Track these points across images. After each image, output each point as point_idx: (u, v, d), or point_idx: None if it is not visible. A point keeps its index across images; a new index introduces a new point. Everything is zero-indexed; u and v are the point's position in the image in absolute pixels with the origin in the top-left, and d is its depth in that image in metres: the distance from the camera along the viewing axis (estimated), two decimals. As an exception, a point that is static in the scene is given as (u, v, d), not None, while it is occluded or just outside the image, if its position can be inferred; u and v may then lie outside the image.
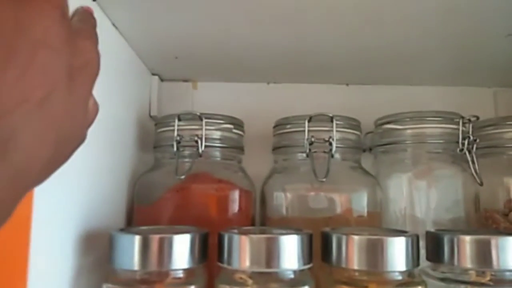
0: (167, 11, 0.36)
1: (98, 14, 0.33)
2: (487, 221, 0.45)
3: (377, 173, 0.47)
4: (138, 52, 0.45)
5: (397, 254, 0.29)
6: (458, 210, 0.44)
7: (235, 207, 0.42)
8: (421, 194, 0.44)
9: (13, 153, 0.15)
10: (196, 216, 0.40)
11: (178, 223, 0.37)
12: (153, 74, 0.52)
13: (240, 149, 0.46)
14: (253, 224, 0.44)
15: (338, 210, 0.42)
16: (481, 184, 0.43)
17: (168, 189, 0.41)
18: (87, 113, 0.20)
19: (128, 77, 0.44)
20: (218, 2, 0.34)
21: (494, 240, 0.30)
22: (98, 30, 0.22)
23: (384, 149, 0.47)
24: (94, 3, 0.33)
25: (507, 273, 0.30)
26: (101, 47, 0.21)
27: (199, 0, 0.34)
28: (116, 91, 0.40)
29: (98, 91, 0.21)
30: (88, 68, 0.20)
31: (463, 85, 0.57)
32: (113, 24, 0.38)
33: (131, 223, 0.43)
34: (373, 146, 0.49)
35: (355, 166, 0.45)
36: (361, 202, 0.42)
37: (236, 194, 0.42)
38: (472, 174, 0.43)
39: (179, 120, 0.42)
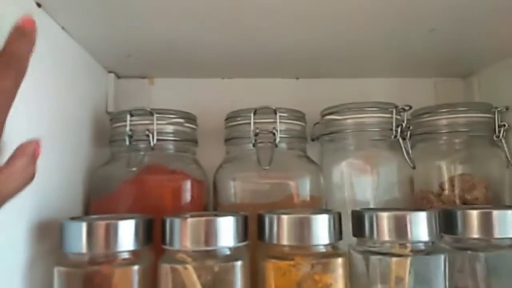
0: (115, 13, 0.38)
1: (44, 19, 0.35)
2: (422, 201, 0.49)
3: (323, 160, 0.51)
4: (91, 52, 0.47)
5: (320, 230, 0.33)
6: (394, 191, 0.48)
7: (187, 196, 0.45)
8: (361, 179, 0.48)
9: None
10: (150, 206, 0.42)
11: (132, 213, 0.40)
12: (110, 72, 0.54)
13: (194, 141, 0.49)
14: (205, 212, 0.47)
15: (284, 195, 0.45)
16: (414, 167, 0.47)
17: (122, 181, 0.43)
18: None
19: (82, 76, 0.46)
20: (165, 4, 0.36)
21: (408, 216, 0.34)
22: (46, 34, 0.23)
23: (328, 138, 0.51)
24: (40, 9, 0.34)
25: (420, 244, 0.34)
26: (49, 50, 0.23)
27: (147, 2, 0.36)
28: (69, 90, 0.42)
29: (50, 92, 0.23)
30: None
31: (406, 76, 0.61)
32: (62, 28, 0.40)
33: (88, 215, 0.45)
34: (319, 135, 0.53)
35: (300, 155, 0.49)
36: (305, 188, 0.46)
37: (188, 184, 0.45)
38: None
39: (132, 115, 0.44)
